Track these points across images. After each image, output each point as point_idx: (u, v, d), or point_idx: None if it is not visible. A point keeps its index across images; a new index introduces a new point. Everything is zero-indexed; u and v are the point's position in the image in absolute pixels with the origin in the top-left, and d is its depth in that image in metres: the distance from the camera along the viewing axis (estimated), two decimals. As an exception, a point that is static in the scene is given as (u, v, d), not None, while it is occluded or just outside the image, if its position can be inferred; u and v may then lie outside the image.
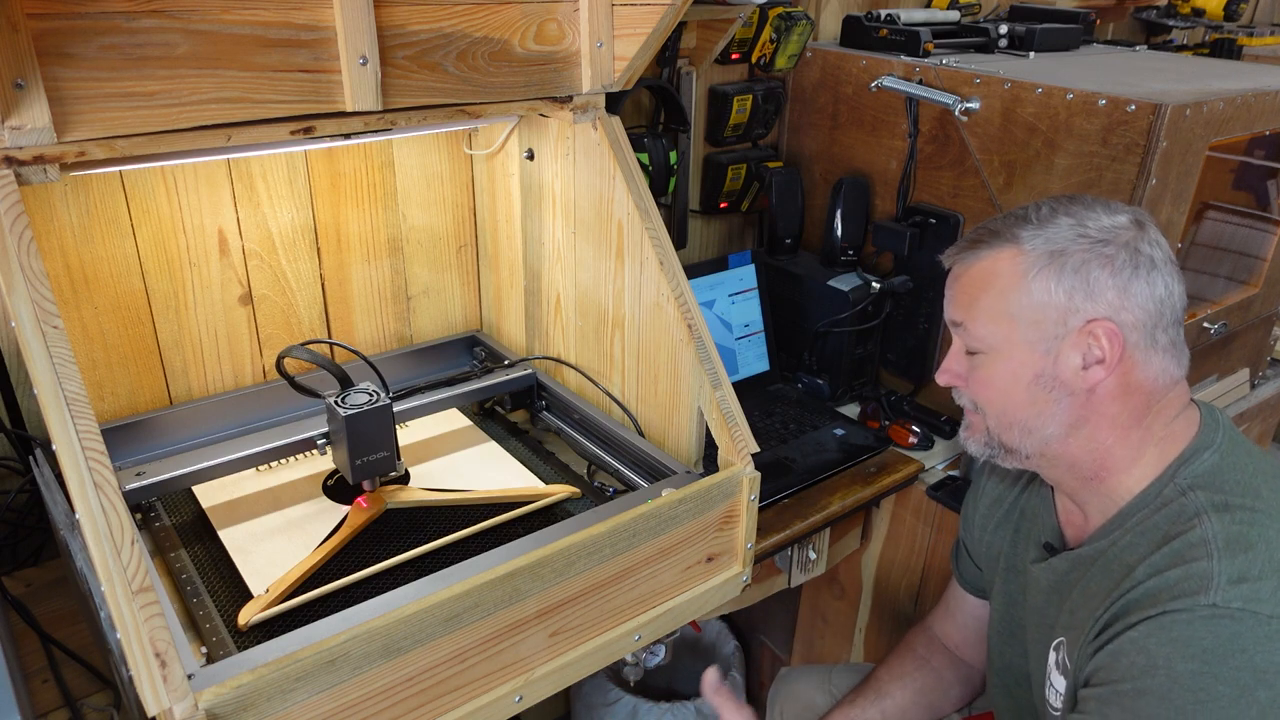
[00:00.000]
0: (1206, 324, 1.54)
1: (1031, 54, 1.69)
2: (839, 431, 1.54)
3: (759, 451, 1.07)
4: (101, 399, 1.17)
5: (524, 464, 1.23)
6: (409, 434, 1.29)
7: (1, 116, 0.76)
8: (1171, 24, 2.44)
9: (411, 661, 0.82)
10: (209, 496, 1.12)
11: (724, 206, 1.79)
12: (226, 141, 0.89)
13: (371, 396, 1.06)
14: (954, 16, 1.79)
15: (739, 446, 1.05)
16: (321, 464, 1.20)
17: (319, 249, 1.30)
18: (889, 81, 1.54)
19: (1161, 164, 1.26)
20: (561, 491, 1.14)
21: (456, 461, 1.24)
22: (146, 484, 1.06)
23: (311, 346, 1.13)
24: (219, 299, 1.23)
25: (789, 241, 1.76)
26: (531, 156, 1.27)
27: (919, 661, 1.24)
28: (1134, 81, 1.42)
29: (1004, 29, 1.74)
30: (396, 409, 1.17)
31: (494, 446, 1.28)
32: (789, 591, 1.58)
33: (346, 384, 1.07)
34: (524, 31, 1.03)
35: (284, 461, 1.20)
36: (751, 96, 1.70)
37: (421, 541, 1.04)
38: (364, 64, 0.91)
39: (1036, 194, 1.38)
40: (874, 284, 1.59)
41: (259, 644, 0.80)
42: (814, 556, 1.50)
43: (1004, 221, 0.93)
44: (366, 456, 1.06)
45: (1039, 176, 1.39)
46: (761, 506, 1.27)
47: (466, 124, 1.25)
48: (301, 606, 0.94)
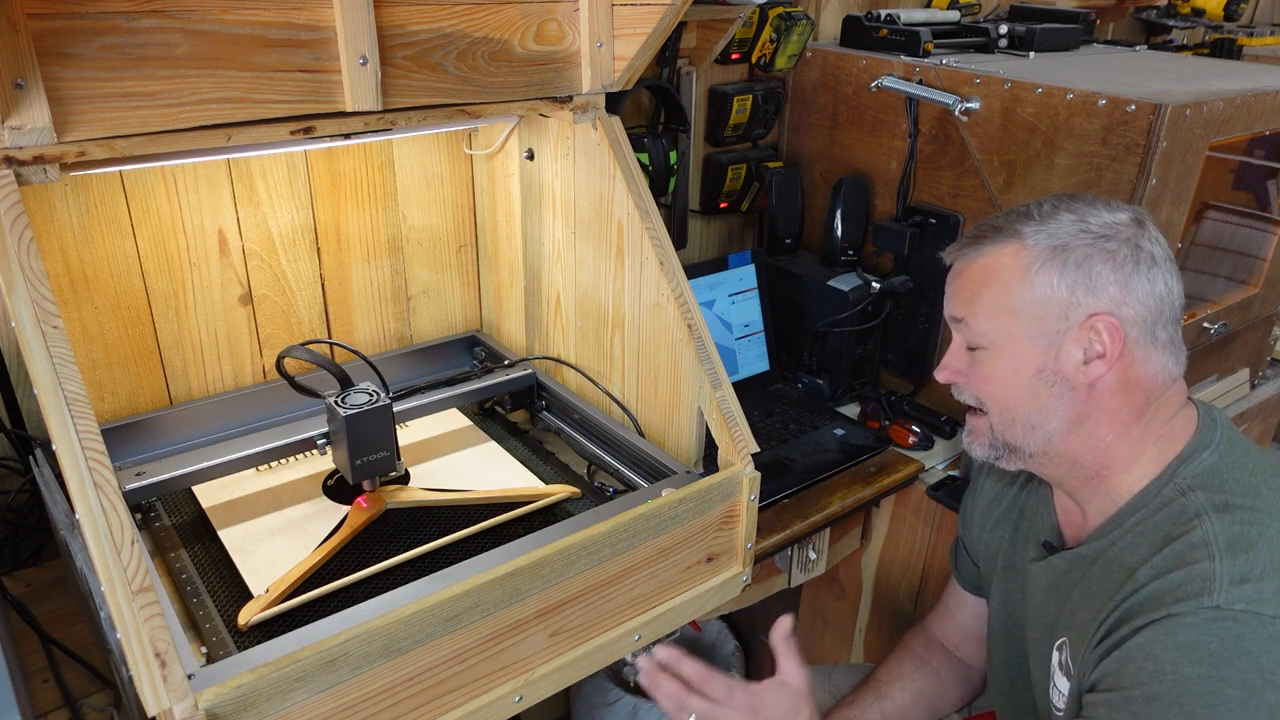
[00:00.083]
0: (1206, 324, 1.54)
1: (1031, 54, 1.69)
2: (839, 431, 1.54)
3: (759, 451, 1.07)
4: (101, 399, 1.17)
5: (524, 464, 1.23)
6: (409, 434, 1.29)
7: (1, 116, 0.76)
8: (1171, 24, 2.44)
9: (411, 661, 0.82)
10: (209, 496, 1.12)
11: (724, 206, 1.79)
12: (226, 141, 0.89)
13: (371, 396, 1.06)
14: (954, 16, 1.79)
15: (739, 446, 1.05)
16: (321, 464, 1.20)
17: (319, 249, 1.30)
18: (889, 81, 1.54)
19: (1161, 164, 1.26)
20: (561, 491, 1.14)
21: (456, 461, 1.24)
22: (146, 484, 1.06)
23: (311, 346, 1.13)
24: (219, 299, 1.23)
25: (789, 241, 1.76)
26: (531, 156, 1.27)
27: (918, 662, 1.24)
28: (1134, 81, 1.42)
29: (1004, 29, 1.74)
30: (396, 409, 1.17)
31: (494, 446, 1.28)
32: (789, 591, 1.57)
33: (346, 384, 1.07)
34: (524, 31, 1.03)
35: (284, 461, 1.20)
36: (751, 96, 1.70)
37: (421, 541, 1.04)
38: (364, 64, 0.91)
39: (1037, 194, 1.38)
40: (874, 284, 1.59)
41: (259, 644, 0.80)
42: (814, 556, 1.50)
43: (1006, 218, 0.93)
44: (366, 456, 1.06)
45: (1039, 176, 1.39)
46: (761, 506, 1.27)
47: (466, 124, 1.25)
48: (301, 606, 0.94)
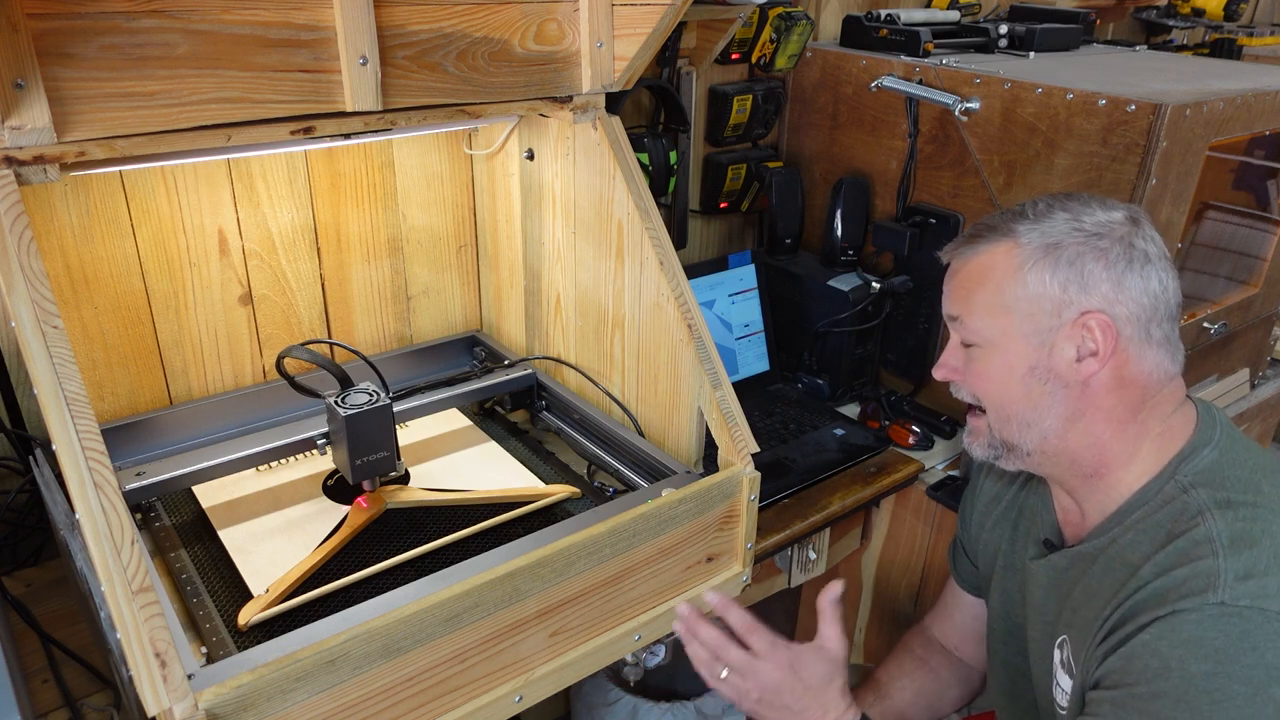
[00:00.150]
0: (1206, 324, 1.54)
1: (1031, 54, 1.69)
2: (839, 431, 1.54)
3: (759, 451, 1.07)
4: (101, 399, 1.17)
5: (524, 464, 1.23)
6: (409, 434, 1.29)
7: (1, 116, 0.76)
8: (1171, 24, 2.44)
9: (411, 661, 0.82)
10: (209, 496, 1.12)
11: (724, 206, 1.79)
12: (226, 141, 0.89)
13: (371, 396, 1.06)
14: (954, 16, 1.79)
15: (739, 446, 1.05)
16: (321, 464, 1.20)
17: (319, 249, 1.30)
18: (889, 81, 1.54)
19: (1161, 164, 1.26)
20: (561, 491, 1.14)
21: (456, 461, 1.24)
22: (146, 484, 1.06)
23: (311, 346, 1.13)
24: (219, 299, 1.23)
25: (789, 241, 1.76)
26: (531, 156, 1.27)
27: (917, 662, 1.24)
28: (1134, 81, 1.42)
29: (1004, 29, 1.74)
30: (396, 409, 1.17)
31: (494, 446, 1.28)
32: (789, 591, 1.57)
33: (346, 384, 1.07)
34: (524, 31, 1.03)
35: (284, 461, 1.20)
36: (751, 96, 1.70)
37: (421, 541, 1.04)
38: (364, 64, 0.91)
39: (1036, 194, 1.37)
40: (874, 284, 1.59)
41: (259, 644, 0.80)
42: (814, 556, 1.50)
43: (1001, 217, 0.94)
44: (366, 456, 1.06)
45: (1039, 176, 1.39)
46: (761, 506, 1.27)
47: (466, 124, 1.25)
48: (301, 606, 0.94)
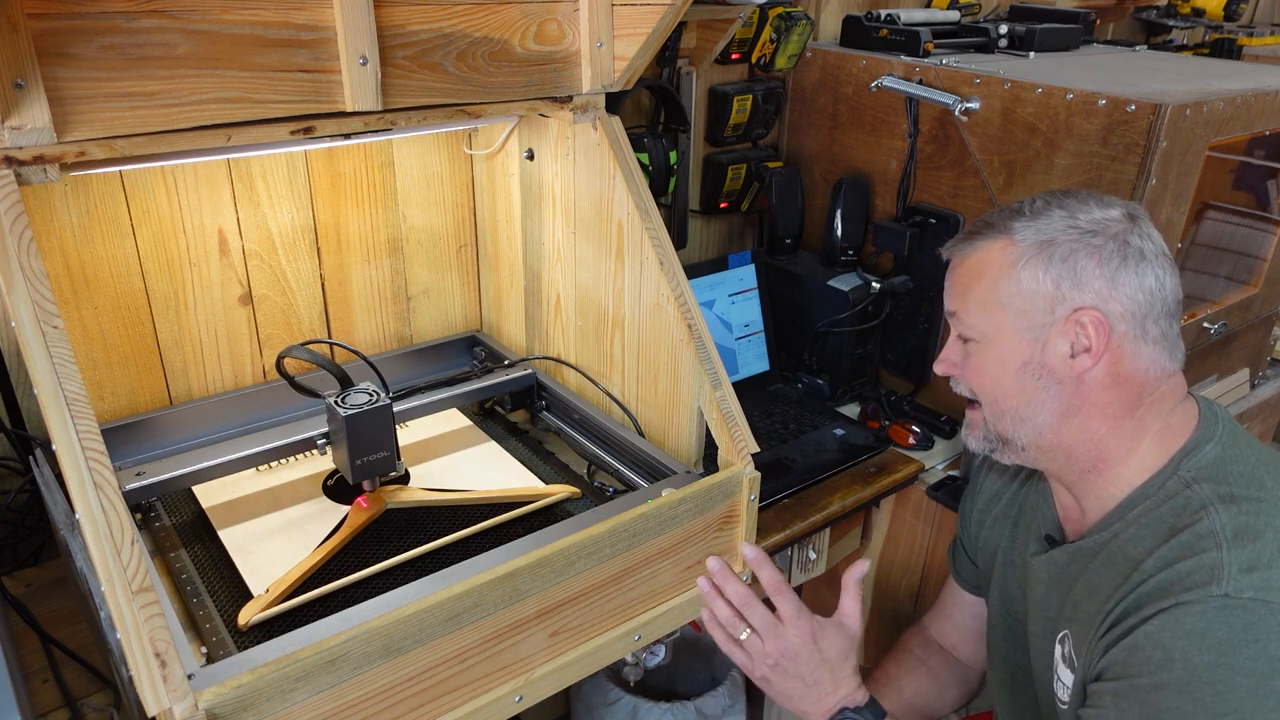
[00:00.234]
0: (1206, 324, 1.54)
1: (1031, 54, 1.69)
2: (839, 431, 1.54)
3: (759, 451, 1.07)
4: (101, 399, 1.17)
5: (524, 464, 1.23)
6: (409, 434, 1.29)
7: (1, 116, 0.76)
8: (1171, 24, 2.44)
9: (411, 661, 0.82)
10: (209, 496, 1.12)
11: (724, 206, 1.79)
12: (226, 141, 0.89)
13: (371, 396, 1.06)
14: (954, 16, 1.79)
15: (739, 446, 1.05)
16: (321, 464, 1.20)
17: (319, 249, 1.30)
18: (889, 81, 1.54)
19: (1161, 164, 1.26)
20: (561, 491, 1.14)
21: (456, 461, 1.24)
22: (146, 484, 1.06)
23: (311, 346, 1.13)
24: (219, 299, 1.23)
25: (789, 241, 1.76)
26: (531, 156, 1.27)
27: (915, 663, 1.24)
28: (1134, 81, 1.42)
29: (1004, 29, 1.74)
30: (396, 409, 1.17)
31: (494, 446, 1.28)
32: (789, 591, 1.57)
33: (346, 384, 1.07)
34: (524, 31, 1.03)
35: (284, 461, 1.20)
36: (751, 96, 1.70)
37: (421, 541, 1.04)
38: (364, 64, 0.91)
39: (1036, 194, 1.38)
40: (874, 284, 1.59)
41: (259, 644, 0.80)
42: (814, 556, 1.50)
43: (1000, 214, 0.95)
44: (366, 456, 1.06)
45: (1039, 176, 1.39)
46: (761, 506, 1.27)
47: (466, 124, 1.25)
48: (301, 606, 0.93)
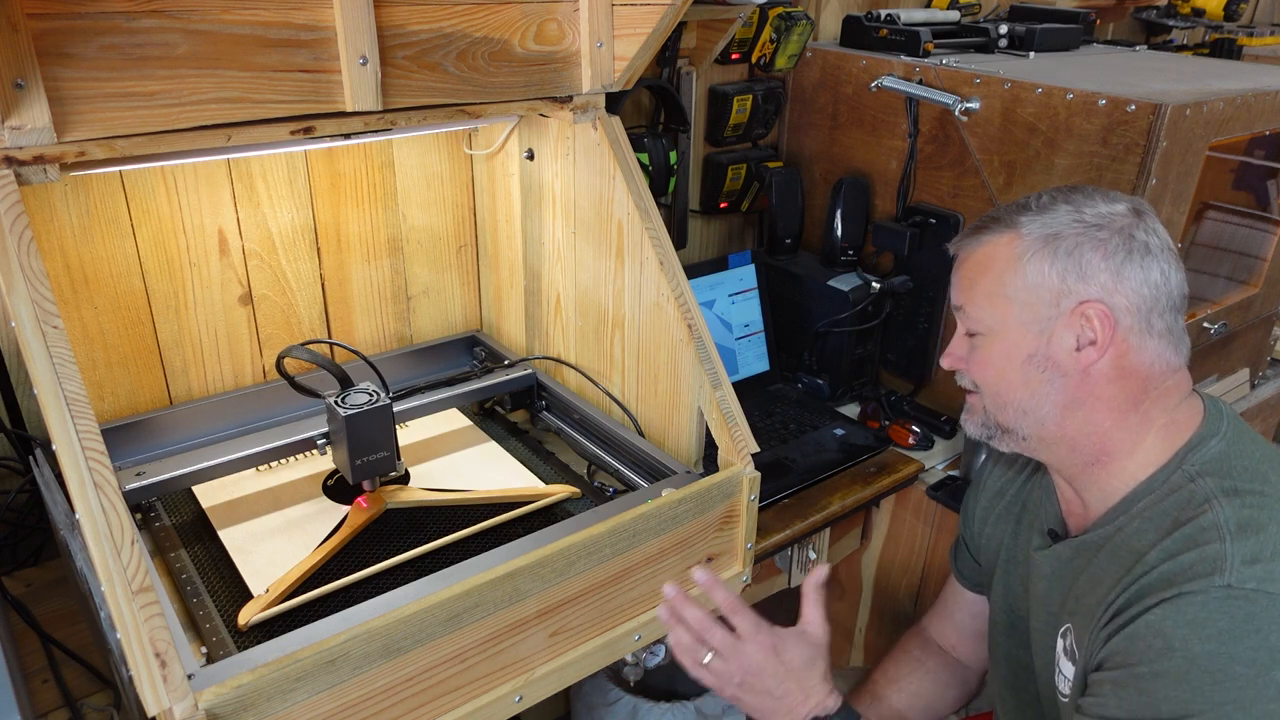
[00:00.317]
0: (1206, 324, 1.54)
1: (1031, 54, 1.69)
2: (839, 431, 1.54)
3: (759, 451, 1.07)
4: (101, 399, 1.17)
5: (524, 464, 1.23)
6: (409, 434, 1.29)
7: (1, 116, 0.76)
8: (1171, 24, 2.44)
9: (411, 661, 0.82)
10: (209, 496, 1.12)
11: (724, 206, 1.79)
12: (226, 141, 0.89)
13: (371, 396, 1.06)
14: (954, 16, 1.79)
15: (739, 446, 1.05)
16: (321, 464, 1.20)
17: (319, 249, 1.30)
18: (889, 81, 1.54)
19: (1161, 164, 1.26)
20: (561, 491, 1.14)
21: (456, 461, 1.24)
22: (146, 484, 1.06)
23: (311, 346, 1.13)
24: (219, 299, 1.23)
25: (789, 241, 1.76)
26: (531, 156, 1.27)
27: (914, 664, 1.24)
28: (1134, 81, 1.42)
29: (1004, 29, 1.74)
30: (396, 409, 1.17)
31: (494, 446, 1.28)
32: (789, 591, 1.57)
33: (346, 384, 1.07)
34: (524, 31, 1.03)
35: (284, 461, 1.20)
36: (751, 96, 1.70)
37: (421, 541, 1.04)
38: (364, 64, 0.91)
39: (1036, 194, 1.39)
40: (874, 284, 1.59)
41: (259, 644, 0.80)
42: (814, 556, 1.50)
43: (1006, 209, 0.95)
44: (366, 456, 1.06)
45: (1039, 176, 1.39)
46: (761, 506, 1.27)
47: (466, 124, 1.25)
48: (301, 606, 0.94)
